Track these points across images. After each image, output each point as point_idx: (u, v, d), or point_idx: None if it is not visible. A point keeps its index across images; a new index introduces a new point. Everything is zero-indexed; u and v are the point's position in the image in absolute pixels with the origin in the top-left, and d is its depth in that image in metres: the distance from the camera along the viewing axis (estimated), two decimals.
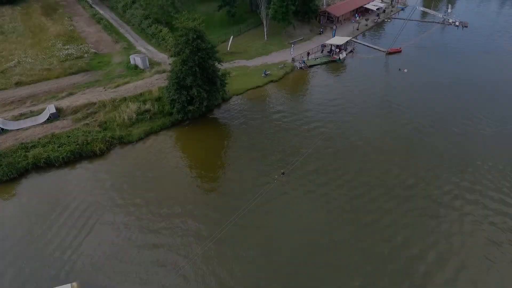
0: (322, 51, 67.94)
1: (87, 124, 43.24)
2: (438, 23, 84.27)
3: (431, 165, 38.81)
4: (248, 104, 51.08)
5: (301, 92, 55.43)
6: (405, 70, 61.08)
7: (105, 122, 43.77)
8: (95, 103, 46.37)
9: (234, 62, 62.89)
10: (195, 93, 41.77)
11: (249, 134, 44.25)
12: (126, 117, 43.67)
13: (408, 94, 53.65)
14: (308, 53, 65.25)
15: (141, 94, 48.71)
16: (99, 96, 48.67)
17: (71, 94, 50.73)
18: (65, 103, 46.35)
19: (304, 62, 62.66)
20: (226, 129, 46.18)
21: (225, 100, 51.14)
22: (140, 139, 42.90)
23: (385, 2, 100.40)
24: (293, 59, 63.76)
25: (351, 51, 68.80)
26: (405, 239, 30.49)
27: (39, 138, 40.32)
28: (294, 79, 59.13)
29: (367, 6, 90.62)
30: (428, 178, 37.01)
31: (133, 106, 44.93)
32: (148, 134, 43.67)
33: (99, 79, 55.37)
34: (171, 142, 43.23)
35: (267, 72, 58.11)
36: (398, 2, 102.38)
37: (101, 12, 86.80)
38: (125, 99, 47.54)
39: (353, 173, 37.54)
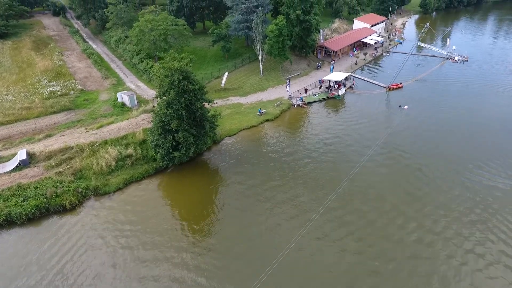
0: (320, 87, 65.01)
1: (60, 172, 38.74)
2: (441, 57, 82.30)
3: (441, 226, 33.93)
4: (241, 146, 46.89)
5: (298, 133, 51.32)
6: (406, 107, 57.72)
7: (81, 170, 39.33)
8: (72, 148, 42.18)
9: (228, 99, 59.58)
10: (181, 138, 37.68)
11: (242, 183, 39.67)
12: (104, 164, 39.28)
13: (410, 135, 49.39)
14: (306, 90, 62.18)
15: (124, 137, 44.67)
16: (78, 138, 44.58)
17: (48, 136, 46.69)
18: (38, 147, 42.12)
19: (302, 99, 59.38)
20: (217, 176, 41.61)
21: (216, 142, 47.09)
22: (119, 189, 38.27)
23: (383, 36, 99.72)
24: (290, 96, 60.56)
25: (350, 87, 65.91)
26: None
27: (3, 190, 35.66)
28: (291, 117, 55.42)
29: (365, 40, 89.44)
30: (440, 242, 32.15)
31: (113, 152, 40.68)
32: (128, 183, 39.09)
33: (82, 119, 51.62)
34: (153, 193, 38.49)
35: (262, 111, 54.53)
36: (395, 36, 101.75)
37: (94, 46, 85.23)
38: (106, 142, 43.42)
39: (360, 235, 32.68)
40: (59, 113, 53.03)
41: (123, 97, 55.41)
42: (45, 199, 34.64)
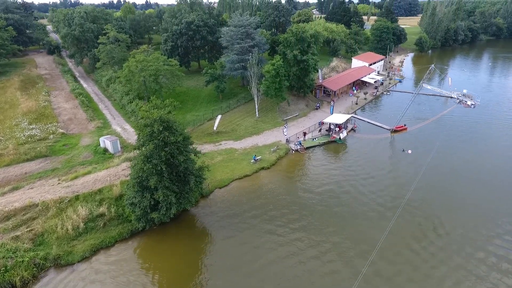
0: (320, 130, 60.79)
1: (18, 237, 32.91)
2: (445, 97, 79.19)
3: None
4: (232, 200, 41.35)
5: (297, 183, 45.68)
6: (409, 151, 53.11)
7: (42, 234, 33.52)
8: (37, 205, 36.66)
9: (221, 144, 54.97)
10: (161, 197, 32.36)
11: (233, 245, 33.80)
12: (70, 227, 33.57)
13: (418, 186, 43.64)
14: (305, 133, 57.78)
15: (99, 191, 39.31)
16: (47, 193, 39.18)
17: (15, 188, 41.28)
18: None
19: (300, 144, 54.79)
20: (204, 237, 35.68)
21: (204, 195, 41.70)
22: (85, 258, 32.23)
23: (382, 75, 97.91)
24: (287, 140, 56.04)
25: (352, 129, 61.72)
26: None
27: None
28: (289, 165, 50.37)
29: (364, 79, 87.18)
30: None
31: (83, 211, 35.13)
32: (97, 250, 33.12)
33: (57, 167, 46.46)
34: (127, 261, 32.37)
35: (257, 158, 49.66)
36: (395, 74, 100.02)
37: (85, 85, 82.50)
38: (77, 198, 38.01)
39: None
40: (33, 160, 47.91)
41: (106, 142, 50.81)
42: None
